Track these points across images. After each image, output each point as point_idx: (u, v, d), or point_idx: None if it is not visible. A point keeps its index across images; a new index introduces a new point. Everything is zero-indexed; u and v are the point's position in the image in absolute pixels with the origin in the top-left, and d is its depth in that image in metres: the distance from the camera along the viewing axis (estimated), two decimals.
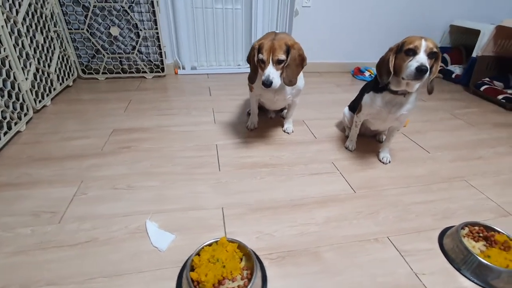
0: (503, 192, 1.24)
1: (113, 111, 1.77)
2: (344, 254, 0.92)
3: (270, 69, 1.17)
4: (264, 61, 1.18)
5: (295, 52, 1.20)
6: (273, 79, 1.17)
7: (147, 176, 1.21)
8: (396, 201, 1.15)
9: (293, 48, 1.19)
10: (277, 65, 1.18)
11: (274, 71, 1.18)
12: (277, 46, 1.14)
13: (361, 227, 1.02)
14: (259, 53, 1.18)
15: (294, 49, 1.20)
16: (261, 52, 1.17)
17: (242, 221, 1.02)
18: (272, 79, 1.17)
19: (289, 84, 1.25)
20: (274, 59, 1.16)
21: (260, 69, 1.23)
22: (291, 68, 1.22)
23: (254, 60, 1.22)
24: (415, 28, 2.79)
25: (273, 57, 1.15)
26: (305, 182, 1.24)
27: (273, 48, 1.14)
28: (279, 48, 1.14)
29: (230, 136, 1.55)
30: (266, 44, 1.15)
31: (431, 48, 1.03)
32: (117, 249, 0.89)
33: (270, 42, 1.15)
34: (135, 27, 2.18)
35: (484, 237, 0.93)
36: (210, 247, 0.84)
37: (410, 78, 1.04)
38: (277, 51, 1.14)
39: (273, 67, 1.18)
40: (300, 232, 0.99)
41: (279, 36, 1.17)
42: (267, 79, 1.17)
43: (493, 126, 1.87)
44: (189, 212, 1.04)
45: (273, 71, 1.18)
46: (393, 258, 0.91)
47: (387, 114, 1.22)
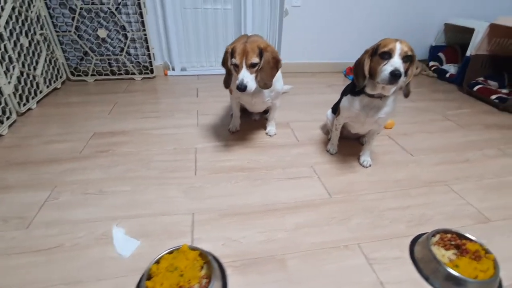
0: (485, 197, 1.21)
1: (97, 114, 1.77)
2: (311, 261, 0.90)
3: (244, 73, 1.15)
4: (238, 65, 1.16)
5: (268, 54, 1.18)
6: (247, 83, 1.15)
7: (120, 181, 1.20)
8: (371, 207, 1.13)
9: (266, 51, 1.17)
10: (251, 68, 1.16)
11: (248, 75, 1.16)
12: (249, 49, 1.12)
13: (331, 234, 1.00)
14: (232, 57, 1.16)
15: (267, 51, 1.18)
16: (234, 56, 1.15)
17: (211, 227, 1.01)
18: (246, 83, 1.15)
19: (265, 87, 1.24)
20: (248, 62, 1.14)
21: (235, 72, 1.22)
22: (265, 71, 1.20)
23: (227, 64, 1.20)
24: (409, 27, 2.74)
25: (246, 61, 1.14)
26: (281, 186, 1.22)
27: (246, 51, 1.13)
28: (252, 51, 1.13)
29: (211, 139, 1.54)
30: (238, 48, 1.13)
31: (405, 51, 1.01)
32: (82, 256, 0.89)
33: (243, 45, 1.13)
34: (122, 29, 2.18)
35: (456, 245, 0.90)
36: (171, 254, 0.83)
37: (384, 82, 1.01)
38: (250, 55, 1.12)
39: (247, 71, 1.16)
40: (268, 239, 0.97)
41: (251, 39, 1.15)
42: (241, 84, 1.15)
43: (484, 127, 1.83)
44: (158, 217, 1.03)
45: (247, 75, 1.16)
46: (361, 266, 0.89)
47: (365, 117, 1.20)
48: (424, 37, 2.84)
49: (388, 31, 2.72)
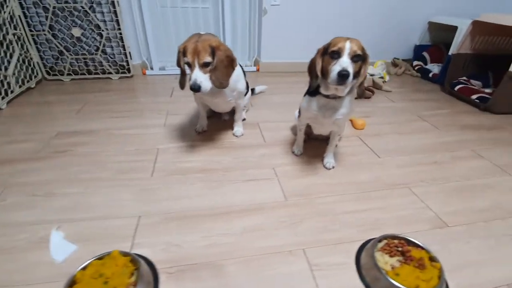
0: (447, 200, 1.18)
1: (65, 114, 1.74)
2: (251, 267, 0.87)
3: (197, 73, 1.12)
4: (190, 64, 1.13)
5: (221, 53, 1.14)
6: (201, 83, 1.12)
7: (72, 183, 1.18)
8: (326, 210, 1.09)
9: (218, 50, 1.14)
10: (204, 68, 1.13)
11: (202, 75, 1.13)
12: (201, 48, 1.09)
13: (278, 238, 0.97)
14: (184, 57, 1.13)
15: (220, 50, 1.14)
16: (186, 55, 1.12)
17: (155, 231, 0.98)
18: (200, 83, 1.12)
19: (221, 87, 1.20)
20: (200, 62, 1.11)
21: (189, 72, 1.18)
22: (220, 70, 1.16)
23: (180, 65, 1.17)
24: (393, 25, 2.70)
25: (198, 60, 1.11)
26: (237, 189, 1.19)
27: (197, 50, 1.09)
28: (204, 50, 1.09)
29: (175, 140, 1.52)
30: (189, 47, 1.10)
31: (355, 51, 0.97)
32: (17, 259, 0.86)
33: (194, 44, 1.10)
34: (97, 28, 2.16)
35: (402, 252, 0.87)
36: (100, 261, 0.80)
37: (333, 83, 0.98)
38: (202, 54, 1.09)
39: (200, 71, 1.13)
40: (212, 243, 0.94)
41: (202, 38, 1.12)
42: (194, 84, 1.12)
43: (460, 128, 1.79)
44: (102, 221, 1.01)
45: (200, 75, 1.13)
46: (302, 272, 0.86)
47: (322, 118, 1.16)
48: (408, 36, 2.80)
49: (372, 30, 2.68)
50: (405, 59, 2.90)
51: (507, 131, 1.75)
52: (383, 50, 2.83)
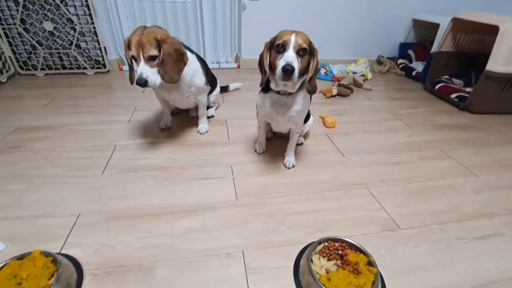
0: (404, 202, 1.13)
1: (29, 108, 1.71)
2: (183, 271, 0.83)
3: (142, 67, 1.08)
4: (135, 58, 1.09)
5: (168, 46, 1.10)
6: (147, 77, 1.08)
7: (17, 179, 1.14)
8: (275, 211, 1.05)
9: (164, 43, 1.09)
10: (150, 62, 1.09)
11: (148, 69, 1.09)
12: (145, 41, 1.05)
13: (219, 240, 0.93)
14: (129, 50, 1.09)
15: (167, 43, 1.10)
16: (130, 49, 1.08)
17: (91, 231, 0.94)
18: (146, 77, 1.08)
19: (170, 82, 1.16)
20: (145, 55, 1.07)
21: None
22: (168, 64, 1.12)
23: (127, 58, 1.13)
24: (378, 22, 2.65)
25: (143, 54, 1.06)
26: (189, 187, 1.15)
27: (141, 43, 1.05)
28: (148, 43, 1.05)
29: (136, 136, 1.48)
30: (133, 40, 1.05)
31: (300, 44, 0.93)
32: None
33: (138, 37, 1.05)
34: (70, 22, 2.11)
35: (341, 255, 0.83)
36: (19, 261, 0.77)
37: (279, 78, 0.93)
38: (146, 47, 1.05)
39: (146, 65, 1.08)
40: (147, 245, 0.90)
41: (147, 31, 1.07)
42: (140, 78, 1.07)
43: (434, 127, 1.74)
44: (39, 219, 0.97)
45: (146, 69, 1.08)
46: (236, 276, 0.82)
47: (276, 115, 1.12)
48: (393, 34, 2.75)
49: (355, 27, 2.63)
50: (390, 57, 2.85)
51: (481, 131, 1.71)
52: (367, 47, 2.78)
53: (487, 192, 1.21)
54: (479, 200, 1.17)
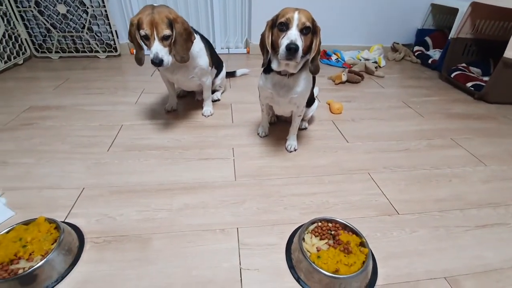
0: (405, 189, 1.11)
1: (42, 89, 1.77)
2: (177, 243, 0.86)
3: (157, 46, 1.08)
4: (148, 37, 1.10)
5: (179, 26, 1.10)
6: (162, 57, 1.09)
7: (27, 153, 1.20)
8: (272, 192, 1.06)
9: (176, 22, 1.10)
10: (163, 41, 1.09)
11: (162, 48, 1.09)
12: (158, 20, 1.05)
13: (214, 217, 0.95)
14: (140, 29, 1.10)
15: (178, 23, 1.10)
16: (142, 28, 1.08)
17: (94, 203, 0.98)
18: (161, 56, 1.08)
19: (181, 61, 1.17)
20: (160, 35, 1.07)
21: (146, 46, 1.15)
22: (179, 43, 1.13)
23: (136, 38, 1.14)
24: (394, 8, 2.54)
25: (157, 33, 1.07)
26: (190, 167, 1.17)
27: (155, 22, 1.05)
28: (162, 22, 1.05)
29: (143, 117, 1.51)
30: (145, 19, 1.06)
31: (303, 22, 0.90)
32: None
33: (150, 16, 1.06)
34: (82, 5, 2.15)
35: (334, 235, 0.83)
36: (25, 226, 0.81)
37: (282, 58, 0.92)
38: (161, 26, 1.05)
39: (159, 44, 1.09)
40: (145, 218, 0.93)
41: (158, 10, 1.07)
42: (156, 57, 1.08)
43: (446, 116, 1.67)
44: (45, 191, 1.02)
45: (161, 48, 1.09)
46: (228, 250, 0.84)
47: (277, 97, 1.11)
48: (410, 20, 2.63)
49: (370, 12, 2.54)
50: (406, 44, 2.73)
51: (496, 122, 1.63)
52: (382, 33, 2.67)
53: (495, 182, 1.17)
54: (486, 189, 1.13)
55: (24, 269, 0.71)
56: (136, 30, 1.11)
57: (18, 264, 0.73)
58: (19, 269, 0.71)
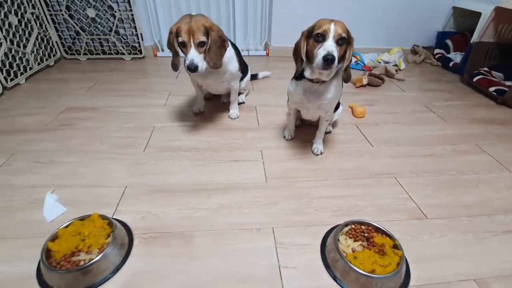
0: (434, 194, 1.14)
1: (76, 91, 1.86)
2: (217, 240, 0.91)
3: (193, 53, 1.14)
4: (185, 44, 1.16)
5: (214, 34, 1.16)
6: (197, 63, 1.14)
7: (71, 153, 1.28)
8: (302, 194, 1.11)
9: (212, 30, 1.16)
10: (199, 48, 1.15)
11: (198, 54, 1.15)
12: (195, 28, 1.11)
13: (249, 216, 1.00)
14: (178, 37, 1.15)
15: (213, 31, 1.16)
16: (180, 35, 1.14)
17: (137, 201, 1.05)
18: (197, 63, 1.14)
19: (214, 67, 1.23)
20: (196, 41, 1.13)
21: (183, 53, 1.21)
22: (213, 50, 1.19)
23: (174, 46, 1.19)
24: (414, 9, 2.53)
25: (194, 40, 1.13)
26: (220, 168, 1.23)
27: (192, 30, 1.11)
28: (198, 30, 1.11)
29: (172, 119, 1.57)
30: (184, 27, 1.12)
31: (339, 33, 0.94)
32: (10, 216, 0.97)
33: (188, 24, 1.12)
34: (110, 9, 2.23)
35: (367, 237, 0.87)
36: (81, 221, 0.89)
37: (318, 67, 0.96)
38: (197, 33, 1.11)
39: (195, 51, 1.15)
40: (186, 216, 1.00)
41: (195, 18, 1.13)
42: (192, 64, 1.14)
43: (469, 121, 1.68)
44: (91, 188, 1.09)
45: (196, 54, 1.15)
46: (266, 249, 0.89)
47: (307, 102, 1.15)
48: (430, 22, 2.62)
49: (390, 14, 2.54)
50: (426, 46, 2.72)
51: None
52: (402, 36, 2.67)
53: None
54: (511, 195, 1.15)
55: (85, 261, 0.78)
56: (174, 38, 1.17)
57: (79, 256, 0.80)
58: (80, 261, 0.78)
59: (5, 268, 0.82)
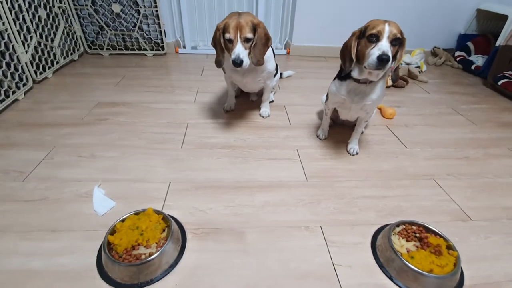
0: (474, 196, 1.15)
1: (104, 86, 1.87)
2: (268, 237, 0.93)
3: (239, 48, 1.15)
4: (231, 40, 1.16)
5: (261, 31, 1.17)
6: (243, 58, 1.15)
7: (111, 147, 1.29)
8: (344, 193, 1.12)
9: (259, 27, 1.16)
10: (245, 43, 1.16)
11: (243, 50, 1.15)
12: (244, 24, 1.12)
13: (296, 214, 1.01)
14: (225, 33, 1.15)
15: (260, 27, 1.17)
16: (228, 31, 1.14)
17: (182, 196, 1.06)
18: (242, 58, 1.14)
19: (257, 64, 1.24)
20: (242, 37, 1.13)
21: (227, 50, 1.21)
22: (258, 47, 1.19)
23: (220, 42, 1.19)
24: (436, 12, 2.53)
25: (240, 35, 1.13)
26: (259, 166, 1.24)
27: (240, 26, 1.12)
28: (246, 26, 1.12)
29: (204, 116, 1.58)
30: (232, 23, 1.12)
31: (394, 34, 0.95)
32: (61, 209, 0.99)
33: (236, 20, 1.12)
34: (135, 5, 2.24)
35: (419, 238, 0.88)
36: (136, 215, 0.90)
37: (371, 67, 0.97)
38: (244, 29, 1.12)
39: (241, 46, 1.16)
40: (233, 213, 1.01)
41: (243, 16, 1.14)
42: (237, 58, 1.14)
43: (498, 125, 1.69)
44: (137, 183, 1.11)
45: (242, 50, 1.15)
46: (317, 246, 0.90)
47: (350, 103, 1.16)
48: (452, 24, 2.61)
49: (411, 15, 2.54)
50: (447, 48, 2.72)
51: None
52: (423, 37, 2.67)
53: None
54: None
55: (145, 255, 0.79)
56: (221, 34, 1.17)
57: (139, 250, 0.81)
58: (140, 255, 0.80)
59: (65, 260, 0.83)
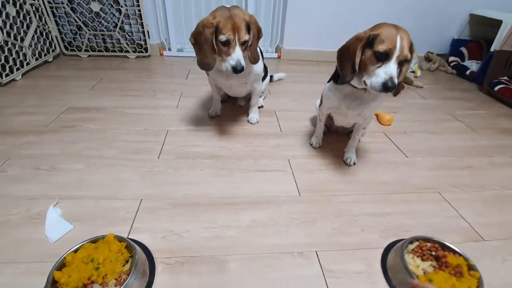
0: (482, 210, 1.04)
1: (78, 89, 1.70)
2: (255, 266, 0.78)
3: (239, 52, 1.02)
4: (228, 43, 1.01)
5: (254, 27, 1.06)
6: (244, 63, 1.03)
7: (76, 158, 1.13)
8: (343, 210, 0.99)
9: (252, 23, 1.05)
10: (241, 46, 1.04)
11: (241, 53, 1.03)
12: (239, 24, 0.99)
13: (288, 237, 0.87)
14: (219, 34, 1.00)
15: (253, 23, 1.05)
16: (224, 33, 0.99)
17: (155, 216, 0.91)
18: (243, 63, 1.03)
19: (254, 62, 1.14)
20: (241, 40, 1.01)
21: (218, 52, 1.06)
22: (253, 45, 1.08)
23: (211, 41, 1.02)
24: (429, 17, 2.47)
25: (239, 39, 1.00)
26: (247, 178, 1.10)
27: (237, 27, 0.99)
28: (242, 26, 0.99)
29: (186, 123, 1.44)
30: (227, 23, 0.98)
31: (405, 55, 0.83)
32: (6, 234, 0.82)
33: (231, 20, 0.98)
34: (116, 3, 2.09)
35: (436, 256, 0.75)
36: (93, 244, 0.74)
37: (373, 89, 0.85)
38: (242, 31, 0.99)
39: (240, 50, 1.03)
40: (215, 235, 0.86)
41: (235, 12, 1.00)
42: (239, 64, 1.02)
43: (498, 132, 1.60)
44: (102, 201, 0.95)
45: (241, 54, 1.03)
46: (313, 278, 0.76)
47: (346, 109, 1.04)
48: (445, 29, 2.56)
49: (405, 19, 2.47)
50: (440, 54, 2.67)
51: None
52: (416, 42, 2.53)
53: None
54: None
55: None
56: (212, 33, 1.01)
57: None
58: None
59: None
